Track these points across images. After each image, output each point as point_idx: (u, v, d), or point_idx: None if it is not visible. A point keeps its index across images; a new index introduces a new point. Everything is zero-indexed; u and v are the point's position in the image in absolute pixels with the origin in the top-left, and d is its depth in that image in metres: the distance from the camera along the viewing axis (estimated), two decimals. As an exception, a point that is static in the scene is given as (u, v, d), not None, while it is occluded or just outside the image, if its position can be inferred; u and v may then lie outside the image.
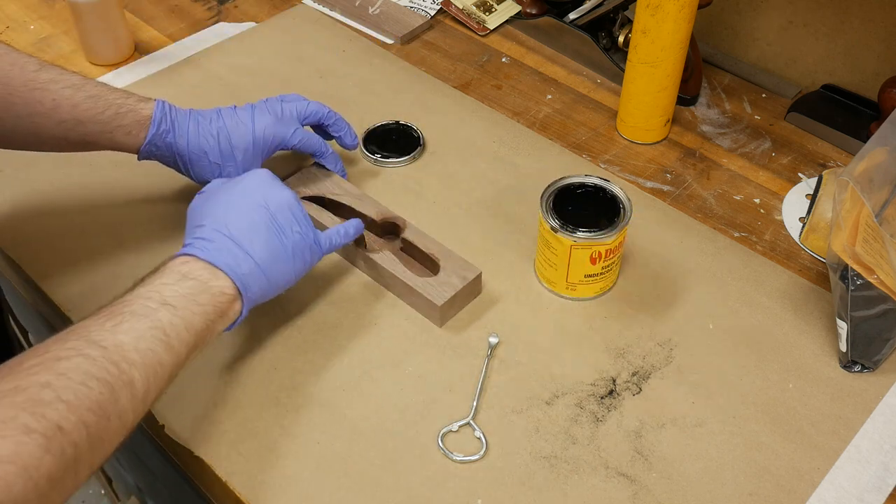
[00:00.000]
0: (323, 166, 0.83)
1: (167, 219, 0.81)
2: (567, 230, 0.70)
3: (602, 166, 0.89)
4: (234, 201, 0.65)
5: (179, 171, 0.77)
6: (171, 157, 0.76)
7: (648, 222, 0.82)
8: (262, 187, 0.66)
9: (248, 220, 0.63)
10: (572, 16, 1.03)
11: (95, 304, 0.73)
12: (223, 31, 1.07)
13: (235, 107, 0.78)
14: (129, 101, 0.73)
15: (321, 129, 0.84)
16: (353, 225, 0.72)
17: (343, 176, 0.83)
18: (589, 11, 1.02)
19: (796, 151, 0.92)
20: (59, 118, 0.69)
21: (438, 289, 0.72)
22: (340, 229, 0.71)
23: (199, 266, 0.60)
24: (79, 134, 0.71)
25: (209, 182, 0.71)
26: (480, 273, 0.74)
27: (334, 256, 0.79)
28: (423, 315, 0.73)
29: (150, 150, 0.74)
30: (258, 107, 0.78)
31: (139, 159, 0.75)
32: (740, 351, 0.71)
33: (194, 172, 0.76)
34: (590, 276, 0.73)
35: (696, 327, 0.73)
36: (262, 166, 0.79)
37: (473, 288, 0.74)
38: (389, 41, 1.06)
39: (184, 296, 0.57)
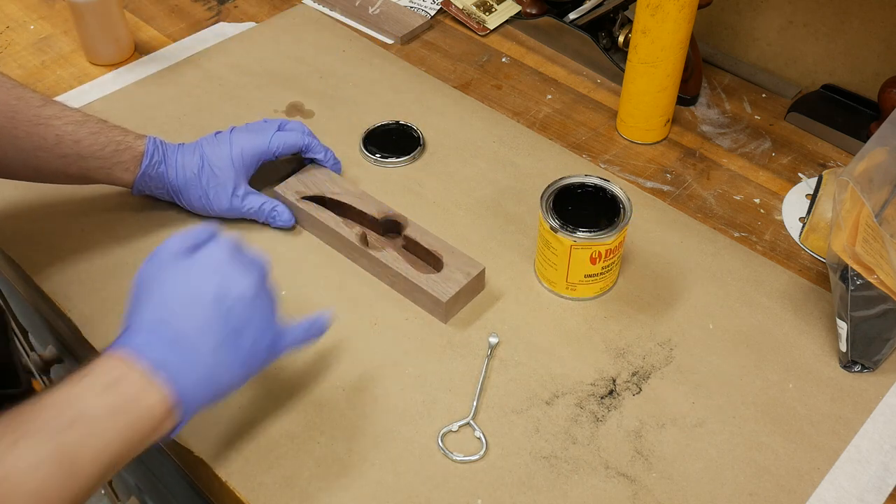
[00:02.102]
0: (320, 164, 0.83)
1: (168, 218, 0.81)
2: (567, 230, 0.70)
3: (602, 166, 0.89)
4: (187, 287, 0.55)
5: (173, 201, 0.80)
6: (164, 188, 0.78)
7: (648, 222, 0.82)
8: (220, 270, 0.56)
9: (199, 316, 0.54)
10: (572, 16, 1.03)
11: (95, 304, 0.74)
12: (223, 31, 1.07)
13: (217, 133, 0.80)
14: (128, 138, 0.75)
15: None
16: (319, 326, 0.63)
17: (337, 168, 0.84)
18: (589, 11, 1.02)
19: (796, 151, 0.92)
20: (62, 153, 0.71)
21: (443, 285, 0.72)
22: (307, 327, 0.62)
23: (133, 374, 0.51)
24: (79, 168, 0.73)
25: (196, 211, 0.76)
26: (484, 269, 0.74)
27: (335, 254, 0.79)
28: (428, 311, 0.73)
29: (144, 182, 0.77)
30: (237, 128, 0.80)
31: (133, 193, 0.78)
32: (740, 351, 0.71)
33: (185, 201, 0.79)
34: (590, 276, 0.73)
35: (696, 327, 0.73)
36: (255, 178, 0.81)
37: (477, 284, 0.74)
38: (389, 41, 1.06)
39: (104, 411, 0.49)
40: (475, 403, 0.67)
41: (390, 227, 0.79)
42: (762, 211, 0.85)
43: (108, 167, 0.74)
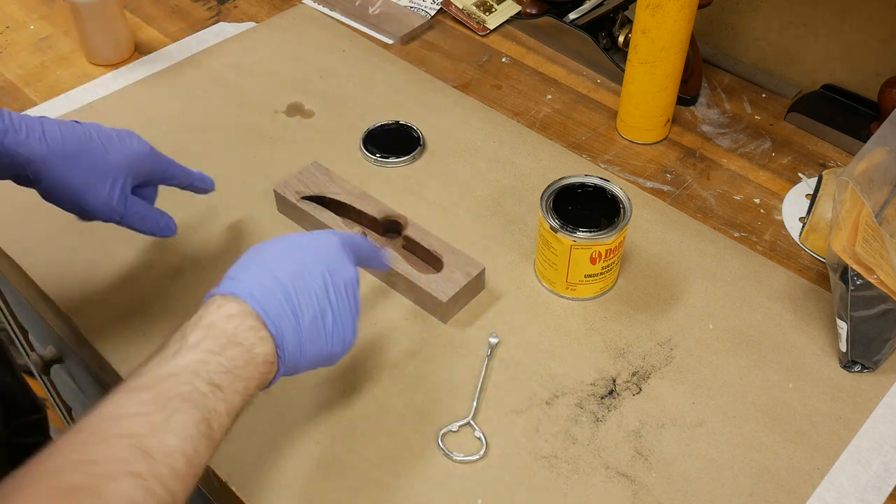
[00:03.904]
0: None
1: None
2: (567, 230, 0.70)
3: (602, 166, 0.89)
4: (300, 256, 0.57)
5: (21, 182, 0.65)
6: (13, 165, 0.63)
7: (648, 222, 0.82)
8: (331, 250, 0.59)
9: (307, 284, 0.56)
10: (572, 16, 1.03)
11: (95, 305, 0.74)
12: (223, 31, 1.07)
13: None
14: None
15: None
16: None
17: (208, 184, 0.75)
18: (589, 11, 1.02)
19: (796, 151, 0.92)
20: None
21: (443, 285, 0.72)
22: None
23: (247, 320, 0.52)
24: None
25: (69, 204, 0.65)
26: (484, 269, 0.74)
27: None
28: (428, 312, 0.73)
29: None
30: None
31: None
32: (740, 351, 0.71)
33: (47, 181, 0.64)
34: (590, 276, 0.73)
35: (696, 327, 0.73)
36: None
37: (477, 284, 0.74)
38: (389, 41, 1.06)
39: (230, 371, 0.50)
40: (475, 403, 0.67)
41: (390, 227, 0.79)
42: (762, 211, 0.85)
43: None
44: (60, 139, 0.64)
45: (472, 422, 0.66)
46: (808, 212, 0.83)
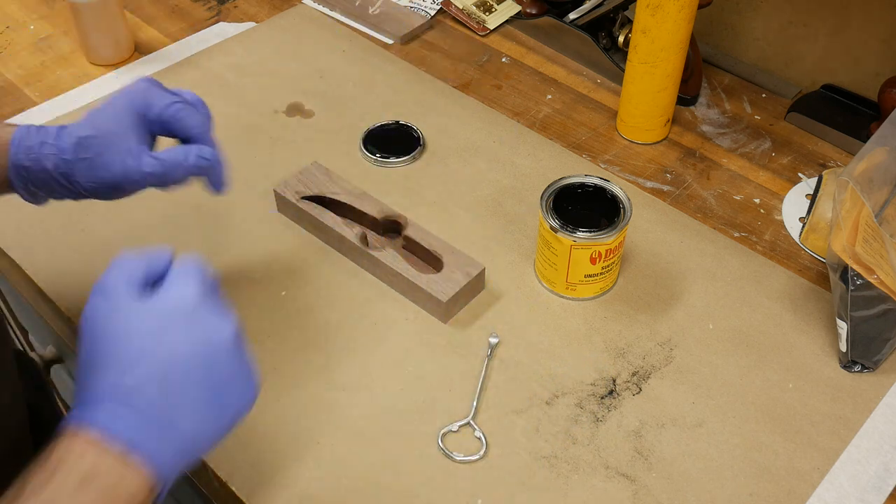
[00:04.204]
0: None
1: (170, 216, 0.81)
2: (567, 230, 0.70)
3: (602, 166, 0.89)
4: (156, 342, 0.46)
5: (67, 195, 0.62)
6: (47, 174, 0.60)
7: (648, 222, 0.82)
8: (195, 317, 0.47)
9: (175, 378, 0.45)
10: (572, 16, 1.03)
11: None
12: (223, 31, 1.07)
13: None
14: None
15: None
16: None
17: (219, 187, 0.67)
18: (589, 11, 1.02)
19: (796, 151, 0.92)
20: None
21: (443, 285, 0.72)
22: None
23: (107, 461, 0.43)
24: None
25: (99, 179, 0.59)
26: (484, 269, 0.74)
27: (335, 254, 0.79)
28: (428, 312, 0.73)
29: (20, 174, 0.60)
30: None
31: (27, 198, 0.62)
32: (740, 351, 0.71)
33: (80, 175, 0.60)
34: (590, 276, 0.73)
35: (696, 327, 0.73)
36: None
37: (477, 284, 0.74)
38: (389, 41, 1.06)
39: None
40: (475, 403, 0.67)
41: (390, 227, 0.79)
42: (762, 211, 0.85)
43: None
44: (68, 134, 0.60)
45: (472, 422, 0.66)
46: (808, 212, 0.83)
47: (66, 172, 0.60)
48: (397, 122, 0.93)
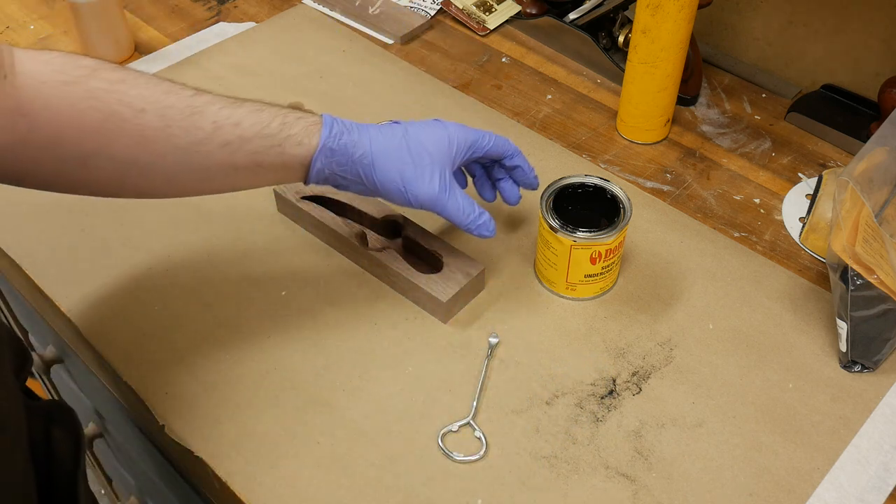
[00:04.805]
0: (520, 177, 0.77)
1: (170, 216, 0.81)
2: (567, 230, 0.70)
3: (602, 166, 0.89)
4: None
5: (355, 184, 0.68)
6: (348, 165, 0.66)
7: (648, 222, 0.82)
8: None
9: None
10: (572, 16, 1.03)
11: (95, 304, 0.74)
12: (223, 31, 1.07)
13: (391, 122, 0.71)
14: (295, 112, 0.66)
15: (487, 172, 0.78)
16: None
17: (534, 183, 0.75)
18: (589, 11, 1.02)
19: (796, 151, 0.92)
20: (223, 140, 0.61)
21: (443, 285, 0.72)
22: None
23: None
24: (246, 155, 0.62)
25: (388, 195, 0.67)
26: (484, 269, 0.74)
27: (335, 254, 0.79)
28: (428, 312, 0.73)
29: (325, 158, 0.65)
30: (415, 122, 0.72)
31: (307, 182, 0.66)
32: (740, 351, 0.71)
33: (378, 179, 0.66)
34: (590, 276, 0.73)
35: (696, 327, 0.73)
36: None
37: (477, 284, 0.74)
38: (389, 41, 1.07)
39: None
40: (475, 403, 0.67)
41: (390, 227, 0.79)
42: (762, 211, 0.85)
43: (277, 144, 0.63)
44: (382, 136, 0.67)
45: (472, 422, 0.66)
46: (808, 212, 0.83)
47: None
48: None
